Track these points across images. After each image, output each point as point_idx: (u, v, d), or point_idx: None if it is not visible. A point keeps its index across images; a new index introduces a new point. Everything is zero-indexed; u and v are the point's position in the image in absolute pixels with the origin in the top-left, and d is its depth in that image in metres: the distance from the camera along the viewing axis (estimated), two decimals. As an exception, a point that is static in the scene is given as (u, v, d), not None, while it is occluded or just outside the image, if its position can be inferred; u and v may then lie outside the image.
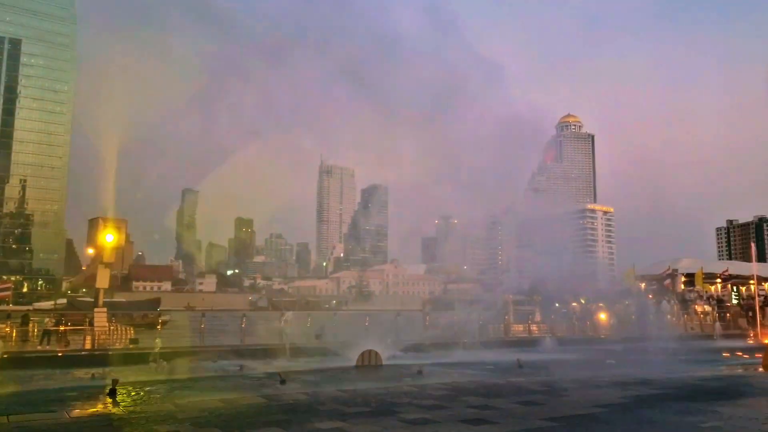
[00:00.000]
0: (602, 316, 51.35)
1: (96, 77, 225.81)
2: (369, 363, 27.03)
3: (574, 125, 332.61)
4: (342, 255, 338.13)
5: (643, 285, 59.80)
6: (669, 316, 52.35)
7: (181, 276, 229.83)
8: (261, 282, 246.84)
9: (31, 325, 36.27)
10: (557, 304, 62.98)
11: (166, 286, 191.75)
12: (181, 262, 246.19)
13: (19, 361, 25.78)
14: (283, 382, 19.50)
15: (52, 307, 69.35)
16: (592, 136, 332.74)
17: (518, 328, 46.17)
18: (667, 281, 57.91)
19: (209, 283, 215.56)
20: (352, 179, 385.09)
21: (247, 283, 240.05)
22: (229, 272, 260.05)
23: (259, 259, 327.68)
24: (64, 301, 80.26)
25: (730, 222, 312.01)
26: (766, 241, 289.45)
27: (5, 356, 25.74)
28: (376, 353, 27.56)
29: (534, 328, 46.37)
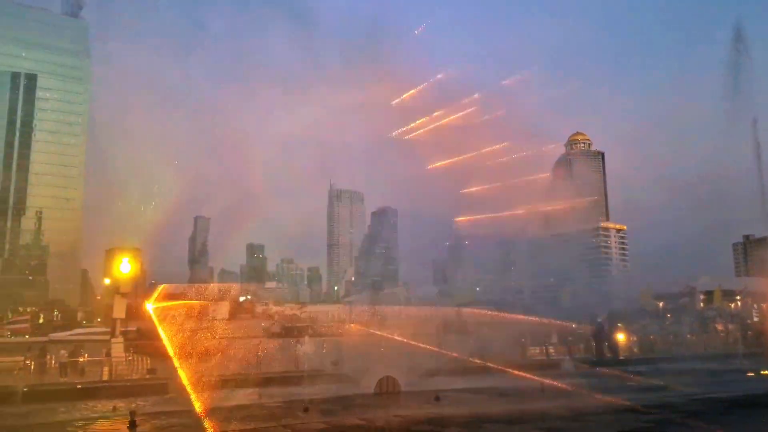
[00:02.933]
0: (620, 337, 50.68)
1: (108, 110, 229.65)
2: (387, 390, 26.85)
3: (583, 143, 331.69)
4: (353, 279, 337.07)
5: (660, 304, 59.14)
6: (689, 335, 51.63)
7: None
8: (273, 308, 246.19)
9: (48, 356, 36.39)
10: (573, 325, 62.38)
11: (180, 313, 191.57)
12: (194, 289, 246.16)
13: (39, 394, 25.80)
14: (306, 410, 19.49)
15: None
16: (602, 154, 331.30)
17: (535, 351, 45.62)
18: (685, 299, 57.21)
19: (222, 309, 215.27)
20: (362, 203, 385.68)
21: (259, 309, 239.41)
22: (241, 298, 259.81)
23: (270, 284, 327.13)
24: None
25: (746, 237, 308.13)
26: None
27: (25, 390, 25.81)
28: (394, 380, 27.37)
29: (551, 350, 45.82)
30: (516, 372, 35.52)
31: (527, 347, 45.79)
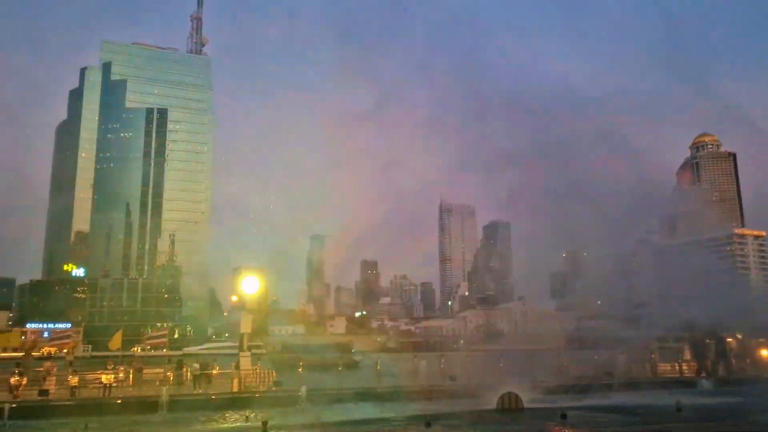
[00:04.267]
0: (765, 353, 46.23)
1: (231, 137, 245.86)
2: (509, 406, 26.20)
3: (711, 144, 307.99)
4: (467, 293, 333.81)
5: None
6: None
7: (313, 319, 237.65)
8: (388, 323, 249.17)
9: (184, 368, 38.92)
10: (708, 341, 57.64)
11: (299, 329, 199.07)
12: (312, 305, 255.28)
13: (180, 404, 27.72)
14: (428, 424, 19.48)
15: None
16: (734, 155, 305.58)
17: (665, 368, 42.61)
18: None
19: (339, 325, 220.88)
20: (473, 217, 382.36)
21: (374, 324, 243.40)
22: (357, 314, 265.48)
23: (384, 300, 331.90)
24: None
25: None
26: None
27: (168, 399, 27.81)
28: (517, 396, 26.64)
29: (684, 367, 42.59)
30: (646, 389, 33.44)
31: (657, 363, 42.92)
